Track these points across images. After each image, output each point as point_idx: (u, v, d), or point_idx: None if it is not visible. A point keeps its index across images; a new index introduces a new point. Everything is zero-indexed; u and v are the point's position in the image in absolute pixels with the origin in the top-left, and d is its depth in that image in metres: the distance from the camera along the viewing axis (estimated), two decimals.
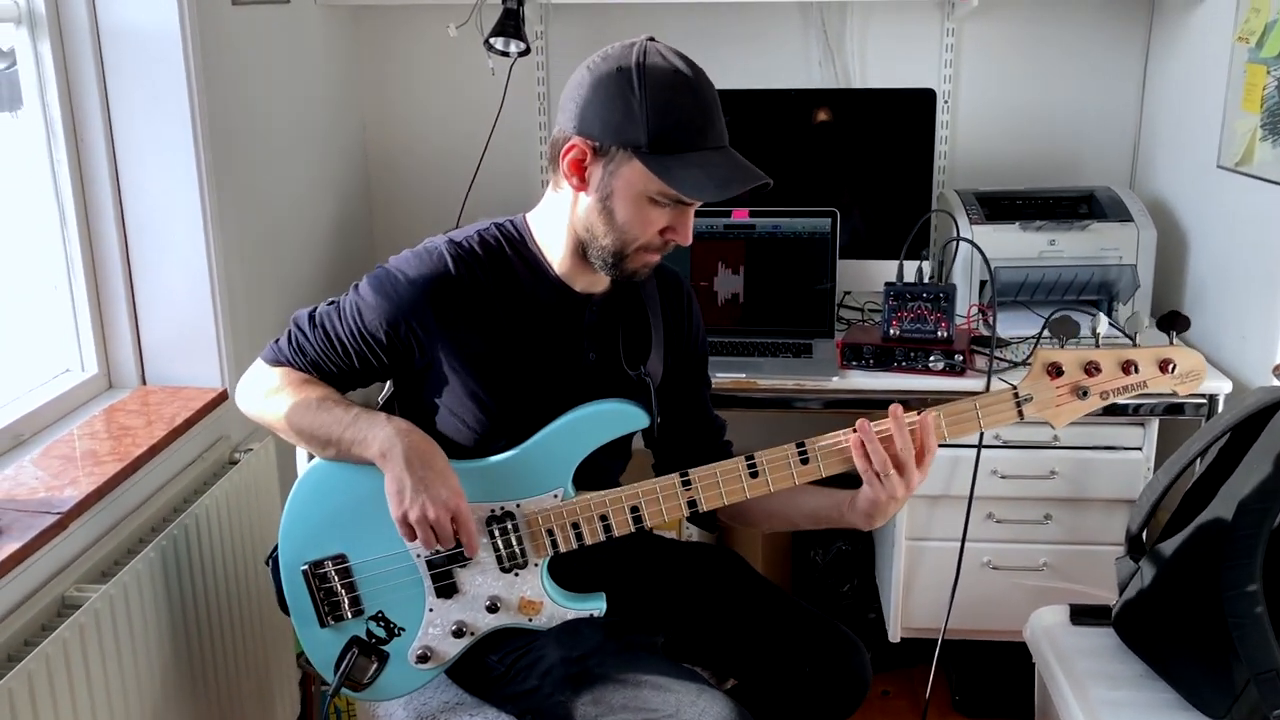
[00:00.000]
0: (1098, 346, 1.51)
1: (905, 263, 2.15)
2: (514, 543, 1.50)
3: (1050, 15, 2.59)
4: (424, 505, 1.39)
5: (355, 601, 1.51)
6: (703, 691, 1.42)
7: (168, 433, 1.73)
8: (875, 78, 2.64)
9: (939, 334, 2.09)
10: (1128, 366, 1.51)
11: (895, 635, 2.26)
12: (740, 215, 2.29)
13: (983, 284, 2.34)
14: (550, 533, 1.50)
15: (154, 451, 1.69)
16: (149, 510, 1.71)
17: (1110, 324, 2.20)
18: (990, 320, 2.17)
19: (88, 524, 1.56)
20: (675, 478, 1.49)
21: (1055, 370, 1.51)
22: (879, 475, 1.46)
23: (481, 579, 1.51)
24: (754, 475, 1.50)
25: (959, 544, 2.14)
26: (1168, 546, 1.78)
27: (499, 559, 1.51)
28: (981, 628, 2.21)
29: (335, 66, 2.58)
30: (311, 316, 1.53)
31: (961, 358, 2.06)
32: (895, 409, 1.45)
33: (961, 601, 2.17)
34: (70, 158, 1.83)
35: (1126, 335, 2.15)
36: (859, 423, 1.47)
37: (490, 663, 1.54)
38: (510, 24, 2.35)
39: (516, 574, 1.51)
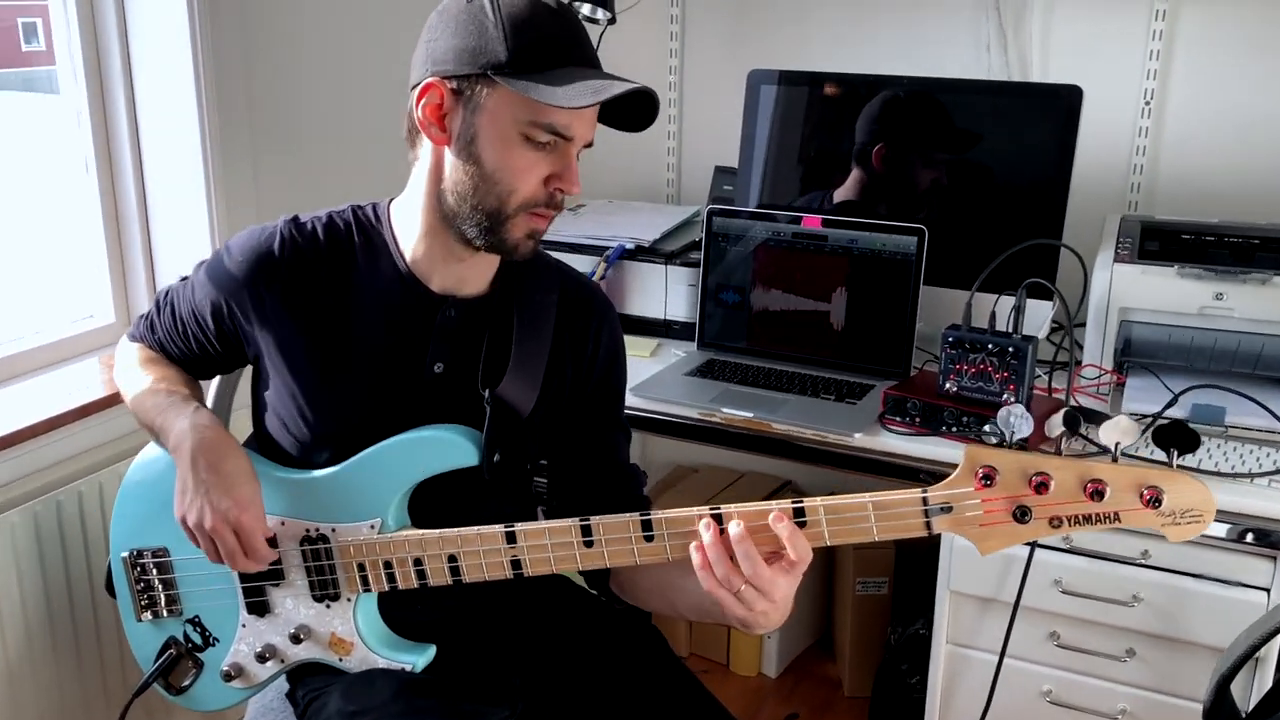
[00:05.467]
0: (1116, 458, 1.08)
1: (991, 301, 1.71)
2: (326, 570, 1.32)
3: None
4: (200, 510, 1.25)
5: (173, 600, 1.40)
6: None
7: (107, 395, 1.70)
8: (1058, 72, 2.15)
9: (1004, 397, 1.65)
10: (1093, 488, 1.07)
11: None
12: (811, 223, 1.94)
13: (1126, 342, 1.83)
14: (361, 568, 1.31)
15: (84, 413, 1.67)
16: (60, 471, 1.69)
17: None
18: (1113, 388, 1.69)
19: None
20: (499, 530, 1.25)
21: (986, 478, 1.10)
22: (727, 589, 1.15)
23: (293, 603, 1.35)
24: (589, 545, 1.23)
25: (1017, 661, 1.71)
26: None
27: (310, 585, 1.34)
28: None
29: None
30: (167, 292, 1.43)
31: None
32: (733, 522, 1.14)
33: None
34: (96, 129, 1.89)
35: None
36: (701, 526, 1.16)
37: (297, 698, 1.38)
38: None
39: (329, 605, 1.34)
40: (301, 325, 1.31)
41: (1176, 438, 1.07)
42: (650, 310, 2.11)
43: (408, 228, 1.31)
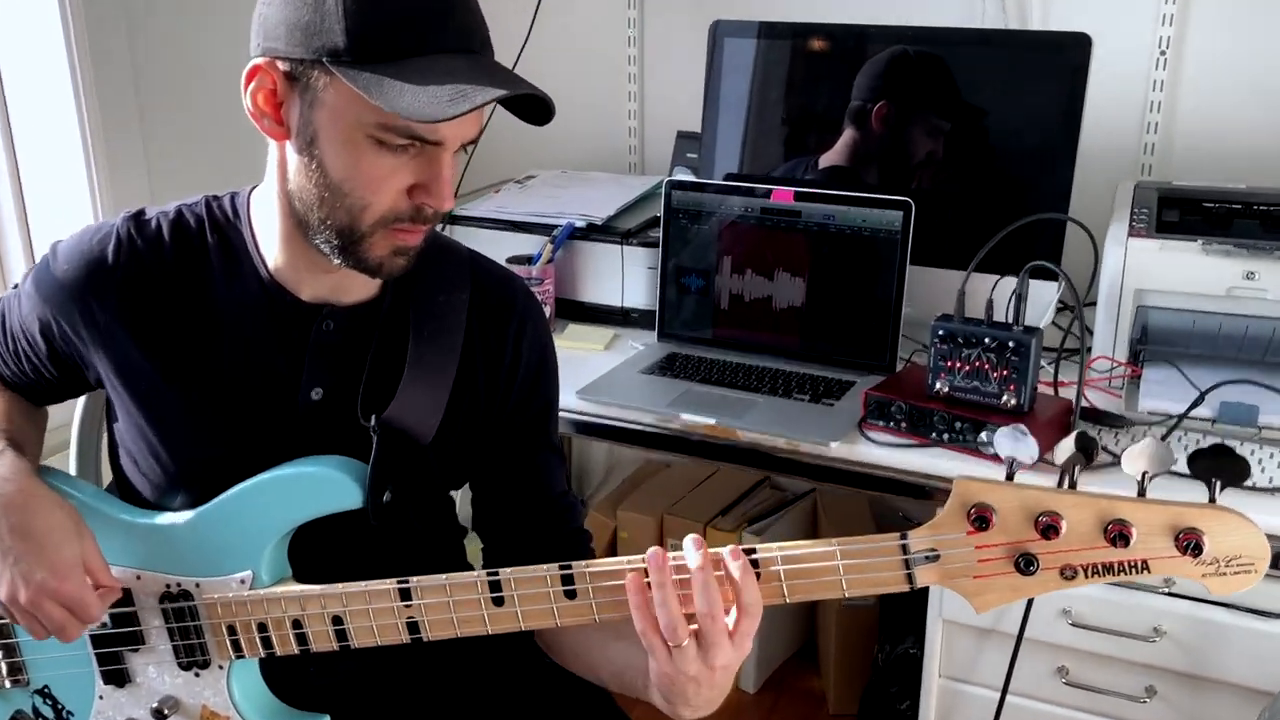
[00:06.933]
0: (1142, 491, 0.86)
1: (989, 285, 1.48)
2: (192, 633, 1.10)
3: None
4: (12, 584, 1.02)
5: (16, 669, 1.17)
6: None
7: None
8: (1060, 20, 1.90)
9: (1004, 399, 1.42)
10: (1114, 531, 0.85)
11: None
12: (782, 197, 1.70)
13: (1143, 329, 1.60)
14: (232, 630, 1.09)
15: None
16: None
17: None
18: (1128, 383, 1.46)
19: None
20: (392, 585, 1.03)
21: (979, 519, 0.88)
22: (665, 641, 0.92)
23: (156, 672, 1.13)
24: (499, 603, 1.01)
25: (1021, 699, 1.50)
26: None
27: (175, 651, 1.11)
28: None
29: None
30: (1, 302, 1.19)
31: None
32: (692, 543, 0.92)
33: None
34: None
35: None
36: (650, 553, 0.94)
37: None
38: None
39: (198, 674, 1.12)
40: (145, 346, 1.07)
41: (1220, 466, 0.84)
42: (606, 297, 1.88)
43: (267, 227, 1.07)
